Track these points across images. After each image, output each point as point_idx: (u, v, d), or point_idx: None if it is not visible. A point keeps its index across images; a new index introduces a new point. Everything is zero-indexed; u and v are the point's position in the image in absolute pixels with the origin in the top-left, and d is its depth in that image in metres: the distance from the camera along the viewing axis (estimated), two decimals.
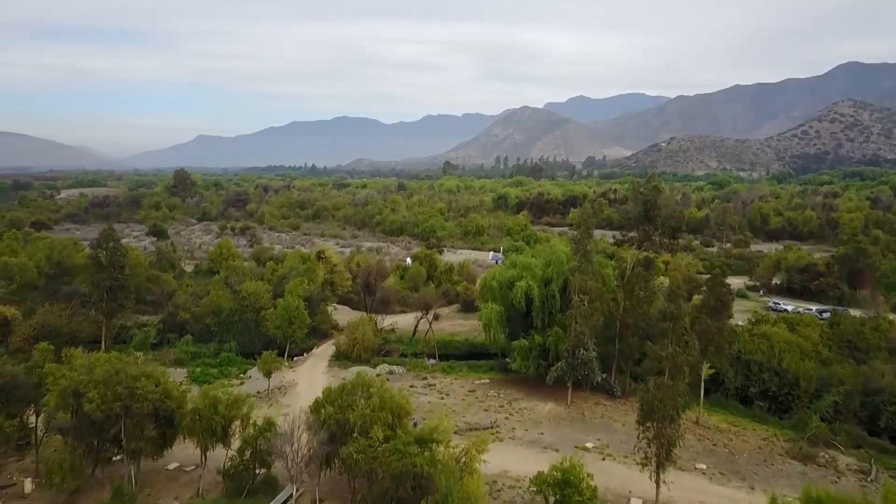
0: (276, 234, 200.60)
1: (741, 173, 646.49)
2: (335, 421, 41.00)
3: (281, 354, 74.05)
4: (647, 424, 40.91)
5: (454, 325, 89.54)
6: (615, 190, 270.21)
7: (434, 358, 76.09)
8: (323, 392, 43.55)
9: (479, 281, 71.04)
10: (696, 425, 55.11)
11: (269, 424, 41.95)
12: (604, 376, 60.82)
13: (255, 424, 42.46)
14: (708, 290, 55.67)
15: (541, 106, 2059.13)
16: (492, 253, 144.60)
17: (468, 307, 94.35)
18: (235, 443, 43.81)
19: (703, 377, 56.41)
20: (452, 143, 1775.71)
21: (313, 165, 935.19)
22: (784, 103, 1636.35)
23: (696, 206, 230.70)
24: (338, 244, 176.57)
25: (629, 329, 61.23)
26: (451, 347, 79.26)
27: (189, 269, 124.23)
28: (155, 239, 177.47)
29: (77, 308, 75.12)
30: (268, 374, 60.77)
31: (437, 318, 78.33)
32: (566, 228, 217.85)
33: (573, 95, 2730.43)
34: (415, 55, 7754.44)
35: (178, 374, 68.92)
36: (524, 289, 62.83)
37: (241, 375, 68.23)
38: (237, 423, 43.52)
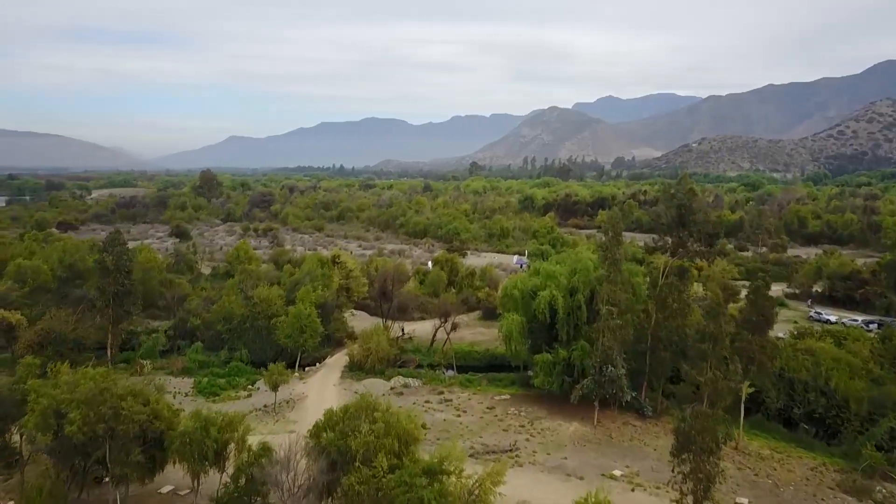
0: (300, 236, 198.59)
1: (774, 174, 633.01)
2: (336, 448, 37.29)
3: (292, 364, 70.85)
4: (683, 457, 36.51)
5: (475, 333, 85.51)
6: (645, 191, 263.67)
7: (452, 369, 72.25)
8: (324, 414, 39.88)
9: (499, 289, 66.98)
10: (736, 451, 50.35)
11: (265, 450, 38.37)
12: (633, 395, 56.33)
13: (249, 449, 38.94)
14: (749, 302, 50.86)
15: (569, 106, 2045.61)
16: (516, 256, 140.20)
17: (490, 314, 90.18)
18: (231, 467, 40.41)
19: (742, 397, 51.66)
20: (480, 144, 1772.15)
21: (341, 166, 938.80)
22: (819, 103, 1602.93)
23: (729, 209, 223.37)
24: (360, 246, 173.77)
25: (661, 343, 56.58)
26: (470, 358, 75.29)
27: (208, 271, 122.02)
28: (177, 240, 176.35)
29: (84, 314, 72.59)
30: (274, 388, 57.38)
31: (455, 328, 74.30)
32: (594, 231, 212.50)
33: (602, 95, 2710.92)
34: (443, 55, 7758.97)
35: (184, 384, 66.16)
36: (548, 299, 58.59)
37: (250, 387, 64.98)
38: (232, 445, 40.10)
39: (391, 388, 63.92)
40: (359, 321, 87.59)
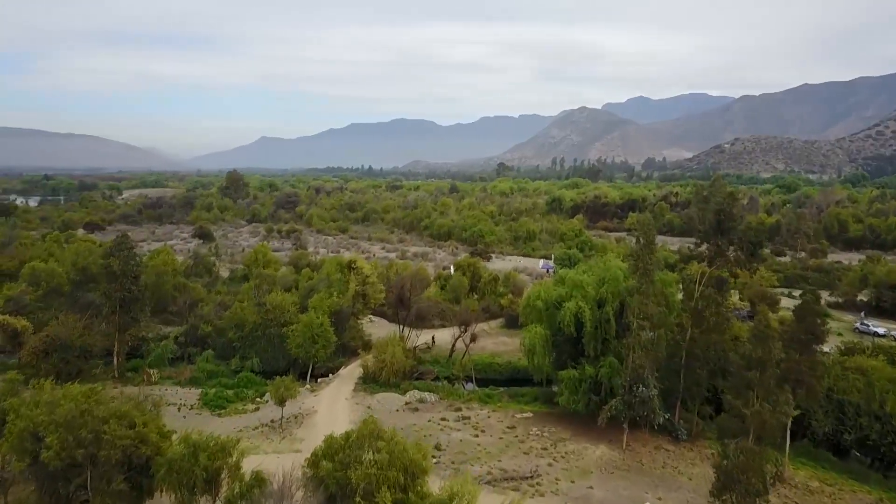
0: (323, 238, 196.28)
1: (810, 176, 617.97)
2: (335, 480, 33.72)
3: (303, 375, 67.66)
4: (725, 497, 32.22)
5: (497, 343, 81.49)
6: (676, 193, 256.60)
7: (471, 382, 68.41)
8: (324, 440, 36.34)
9: (522, 299, 62.91)
10: (781, 483, 45.59)
11: (258, 480, 34.94)
12: (666, 416, 51.86)
13: (242, 479, 35.53)
14: (797, 318, 46.08)
15: (599, 106, 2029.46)
16: (542, 261, 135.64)
17: (513, 322, 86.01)
18: (223, 495, 37.10)
19: (788, 422, 46.91)
20: (509, 145, 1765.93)
21: (370, 167, 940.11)
22: (856, 103, 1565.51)
23: (765, 212, 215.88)
24: (384, 248, 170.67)
25: (697, 361, 51.95)
26: (490, 371, 71.39)
27: (227, 274, 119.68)
28: (201, 241, 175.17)
29: (92, 320, 70.22)
30: (281, 403, 54.06)
31: (474, 339, 70.33)
32: (624, 234, 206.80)
33: (633, 96, 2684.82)
34: (472, 56, 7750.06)
35: (191, 396, 63.28)
36: (574, 311, 54.35)
37: (258, 399, 61.78)
38: (225, 472, 36.76)
39: (406, 404, 60.25)
40: (377, 328, 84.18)
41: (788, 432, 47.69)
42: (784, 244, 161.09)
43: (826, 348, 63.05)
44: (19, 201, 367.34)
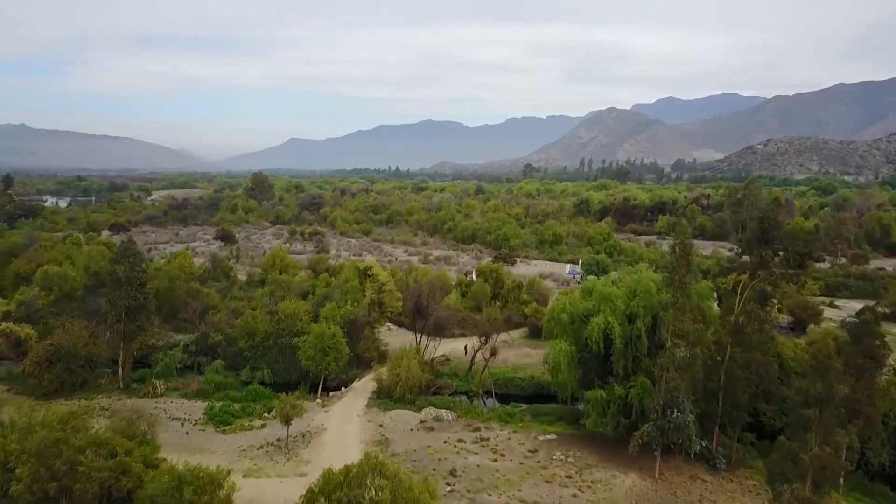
0: (346, 240, 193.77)
1: (845, 177, 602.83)
2: None
3: (315, 388, 64.33)
4: None
5: (519, 354, 77.37)
6: (708, 195, 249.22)
7: (491, 397, 64.54)
8: (322, 476, 32.74)
9: (546, 311, 58.80)
10: None
11: None
12: (703, 444, 47.34)
13: None
14: (852, 339, 41.37)
15: (628, 107, 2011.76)
16: (569, 266, 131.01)
17: (537, 333, 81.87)
18: None
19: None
20: (536, 146, 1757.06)
21: (396, 168, 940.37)
22: (893, 103, 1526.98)
23: (801, 215, 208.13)
24: (406, 252, 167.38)
25: (738, 383, 47.33)
26: (512, 386, 67.42)
27: (245, 278, 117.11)
28: (222, 243, 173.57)
29: (99, 327, 67.67)
30: (286, 422, 50.65)
31: (494, 353, 66.18)
32: (654, 237, 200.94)
33: (662, 96, 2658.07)
34: (500, 57, 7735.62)
35: (196, 409, 60.24)
36: (602, 326, 50.09)
37: (266, 415, 58.52)
38: None
39: (421, 422, 56.48)
40: (394, 337, 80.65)
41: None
42: (823, 250, 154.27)
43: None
44: (51, 202, 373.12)
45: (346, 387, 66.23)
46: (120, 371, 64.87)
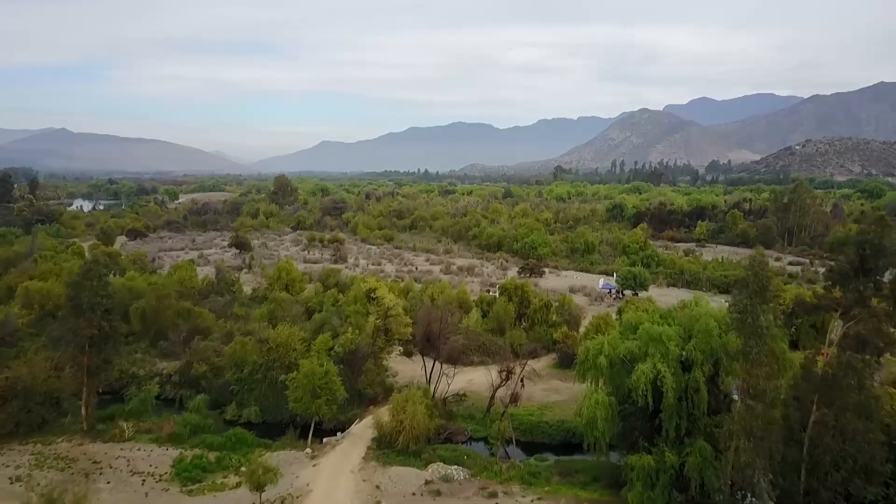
0: (367, 247, 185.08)
1: (889, 179, 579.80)
2: None
3: (304, 434, 55.03)
4: None
5: (547, 389, 67.07)
6: (749, 200, 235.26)
7: (513, 444, 54.67)
8: None
9: (580, 351, 48.57)
10: None
11: None
12: None
13: None
14: None
15: (660, 108, 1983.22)
16: (602, 279, 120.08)
17: (568, 361, 71.81)
18: None
19: None
20: (567, 147, 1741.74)
21: (426, 171, 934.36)
22: None
23: (853, 221, 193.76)
24: (428, 260, 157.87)
25: (828, 455, 36.80)
26: (538, 432, 57.40)
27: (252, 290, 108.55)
28: (237, 251, 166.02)
29: (63, 358, 59.25)
30: (257, 488, 41.31)
31: (516, 400, 55.80)
32: (692, 244, 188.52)
33: (695, 97, 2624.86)
34: (531, 59, 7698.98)
35: (165, 459, 51.27)
36: (651, 376, 39.85)
37: (243, 469, 49.21)
38: None
39: (426, 483, 46.72)
40: (404, 365, 70.80)
41: None
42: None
43: None
44: (79, 205, 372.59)
45: (342, 430, 56.77)
46: (83, 411, 56.23)
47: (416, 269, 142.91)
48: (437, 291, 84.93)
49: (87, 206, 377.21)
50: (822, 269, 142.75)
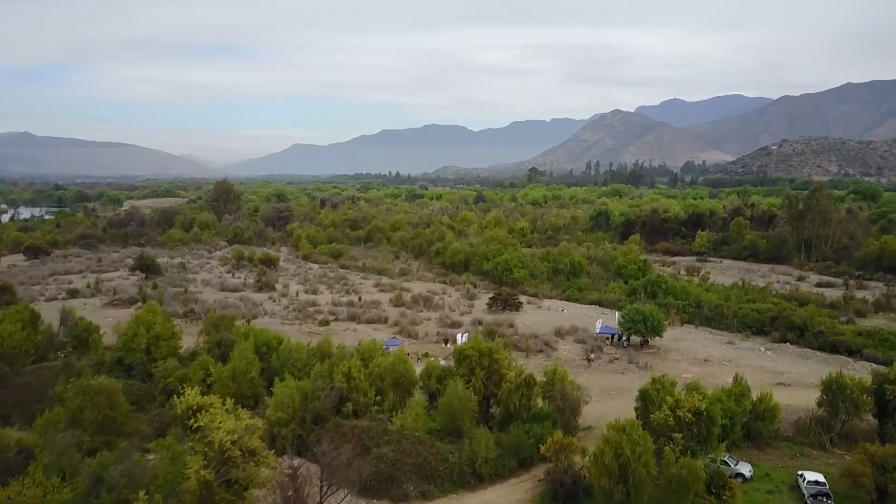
0: (308, 266, 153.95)
1: (866, 178, 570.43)
2: None
3: None
4: None
5: None
6: (752, 205, 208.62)
7: None
8: None
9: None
10: None
11: None
12: None
13: None
14: None
15: (632, 109, 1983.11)
16: (600, 321, 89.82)
17: (565, 497, 42.31)
18: None
19: None
20: (540, 149, 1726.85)
21: (397, 173, 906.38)
22: None
23: (878, 230, 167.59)
24: (377, 285, 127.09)
25: None
26: None
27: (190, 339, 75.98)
28: (142, 276, 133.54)
29: None
30: None
31: None
32: (692, 258, 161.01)
33: (666, 98, 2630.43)
34: (502, 61, 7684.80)
35: None
36: None
37: None
38: None
39: None
40: None
41: None
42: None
43: None
44: (16, 214, 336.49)
45: None
46: None
47: (360, 299, 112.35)
48: (355, 366, 53.94)
49: (27, 213, 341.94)
50: (862, 293, 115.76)
